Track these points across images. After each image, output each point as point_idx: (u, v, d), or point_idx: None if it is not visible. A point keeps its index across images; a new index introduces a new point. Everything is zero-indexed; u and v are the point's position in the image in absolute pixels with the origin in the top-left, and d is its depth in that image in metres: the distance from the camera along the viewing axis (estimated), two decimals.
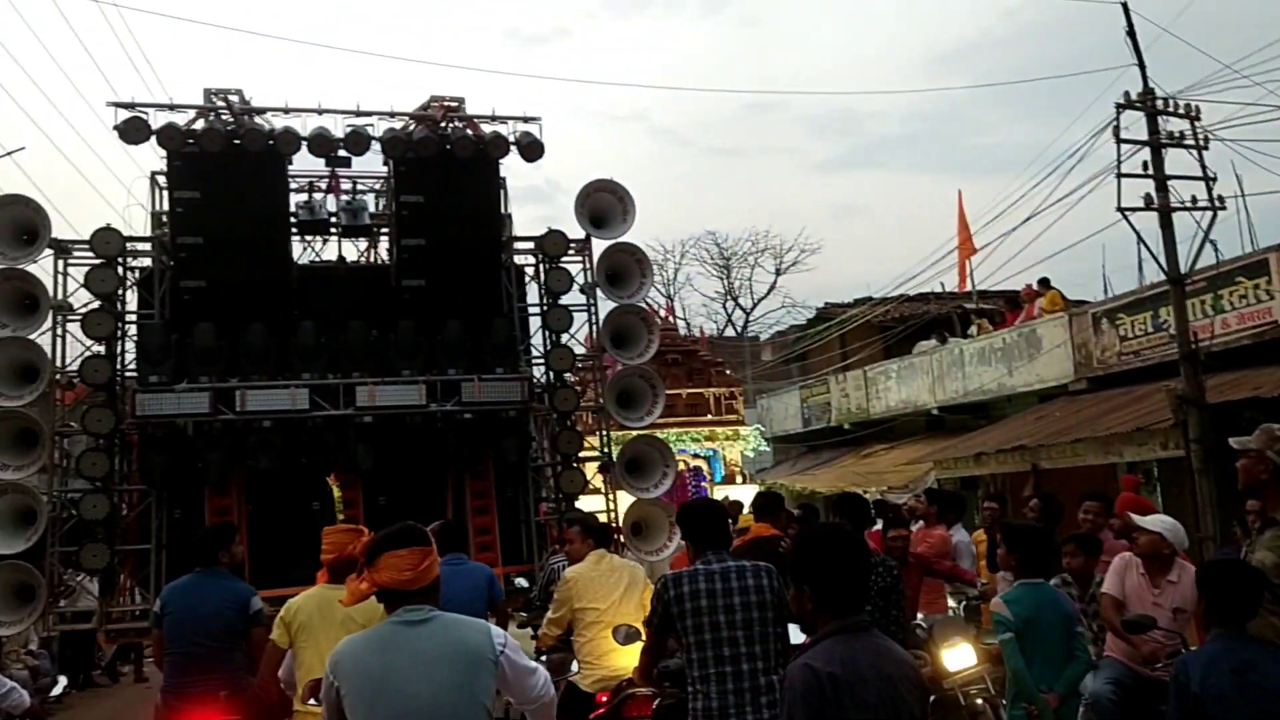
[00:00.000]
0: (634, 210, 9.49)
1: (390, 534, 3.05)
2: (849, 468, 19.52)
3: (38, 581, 7.97)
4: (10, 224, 8.36)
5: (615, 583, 5.77)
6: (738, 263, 39.06)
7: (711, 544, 4.13)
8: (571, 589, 5.80)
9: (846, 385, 20.57)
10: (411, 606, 2.95)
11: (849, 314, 21.68)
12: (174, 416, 8.37)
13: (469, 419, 8.97)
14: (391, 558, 2.96)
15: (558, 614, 5.88)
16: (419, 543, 3.02)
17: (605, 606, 5.68)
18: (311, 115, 9.15)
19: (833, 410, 20.88)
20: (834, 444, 21.12)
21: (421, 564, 2.97)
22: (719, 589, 3.91)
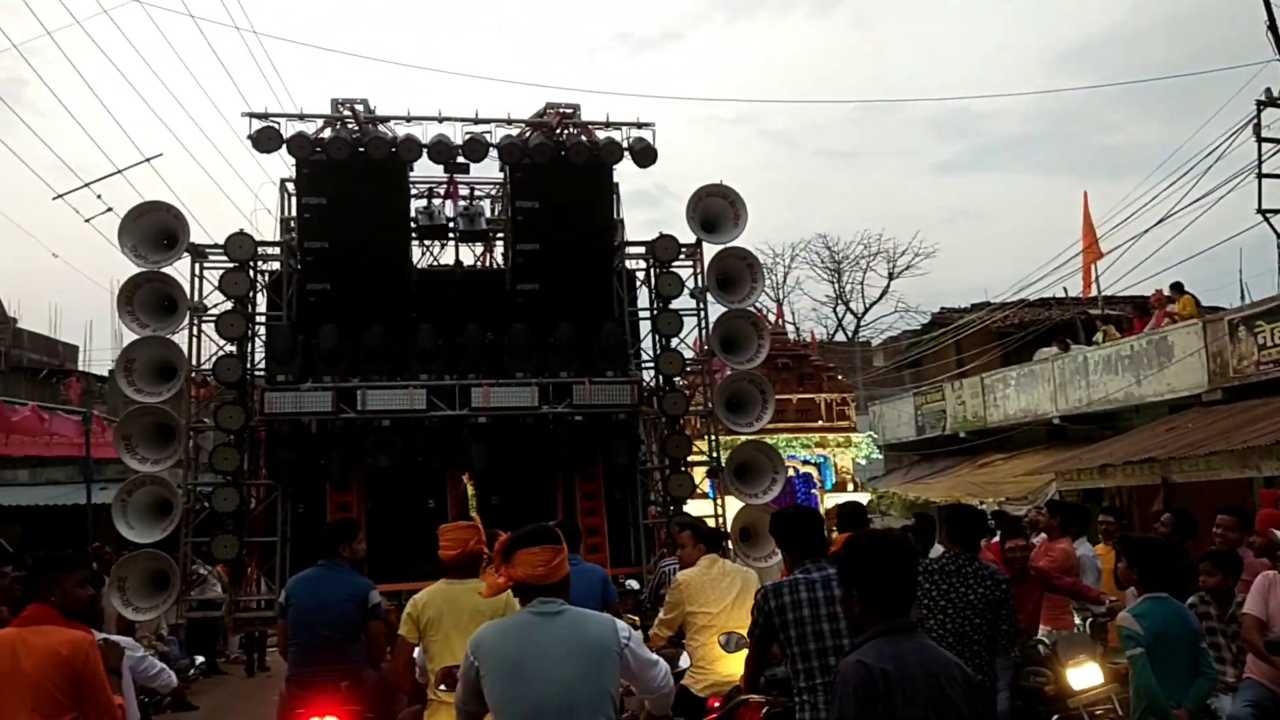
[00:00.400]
0: (745, 215, 9.48)
1: (525, 533, 3.34)
2: (964, 477, 19.08)
3: (172, 569, 8.41)
4: (151, 229, 8.83)
5: (726, 588, 5.76)
6: (849, 266, 38.39)
7: (809, 552, 4.10)
8: (683, 593, 5.82)
9: (963, 392, 20.10)
10: (545, 599, 3.23)
11: (966, 319, 21.16)
12: (299, 414, 8.71)
13: (579, 421, 9.08)
14: (526, 554, 3.24)
15: (669, 616, 5.92)
16: (551, 541, 3.30)
17: (716, 611, 5.68)
18: (432, 123, 9.42)
19: (948, 418, 20.43)
20: (949, 453, 20.65)
21: (553, 560, 3.25)
22: (820, 598, 3.89)
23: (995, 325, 20.32)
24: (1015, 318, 20.31)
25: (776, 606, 3.95)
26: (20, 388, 22.18)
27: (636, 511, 9.56)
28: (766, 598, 3.99)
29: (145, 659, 4.49)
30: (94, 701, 3.79)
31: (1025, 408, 18.42)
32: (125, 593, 8.34)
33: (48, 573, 4.05)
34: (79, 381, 23.75)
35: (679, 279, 9.66)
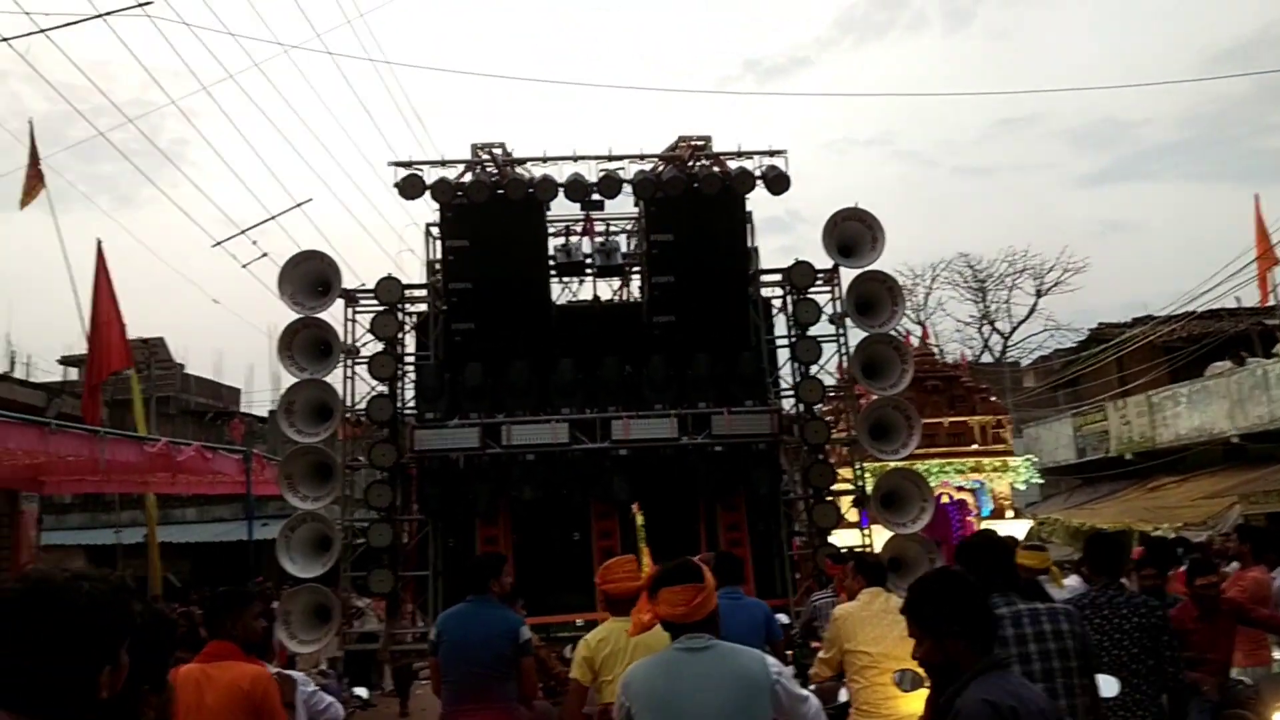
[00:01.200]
0: (883, 238, 9.37)
1: (668, 570, 3.36)
2: (1134, 502, 18.16)
3: (333, 603, 8.83)
4: (308, 277, 9.36)
5: (890, 624, 5.26)
6: (994, 285, 37.09)
7: (998, 585, 3.70)
8: (841, 628, 5.46)
9: (1127, 411, 19.16)
10: (692, 635, 3.25)
11: (1127, 334, 20.18)
12: (447, 450, 9.04)
13: (719, 451, 9.11)
14: (668, 593, 3.27)
15: (828, 654, 5.59)
16: (693, 579, 3.30)
17: (877, 651, 5.28)
18: (567, 163, 9.71)
19: (1111, 439, 19.50)
20: (1112, 476, 19.70)
21: (694, 600, 3.25)
22: (1011, 636, 3.57)
23: (1160, 340, 19.32)
24: (1183, 331, 19.27)
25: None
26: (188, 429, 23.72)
27: (781, 543, 9.50)
28: None
29: (316, 693, 4.71)
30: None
31: (1199, 426, 17.43)
32: (290, 626, 8.80)
33: (228, 608, 4.22)
34: (242, 422, 25.21)
35: (816, 305, 9.60)
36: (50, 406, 12.89)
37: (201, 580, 16.18)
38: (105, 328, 12.47)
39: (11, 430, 7.36)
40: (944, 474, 20.64)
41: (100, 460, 8.01)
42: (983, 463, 21.00)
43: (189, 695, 3.90)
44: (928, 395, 20.40)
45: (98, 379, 12.54)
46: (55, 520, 21.23)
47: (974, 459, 21.00)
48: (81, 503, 21.47)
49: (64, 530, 20.83)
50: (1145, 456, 18.72)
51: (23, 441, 7.49)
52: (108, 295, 12.80)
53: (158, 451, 8.79)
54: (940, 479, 20.42)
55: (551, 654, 7.43)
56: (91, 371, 12.59)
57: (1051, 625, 3.62)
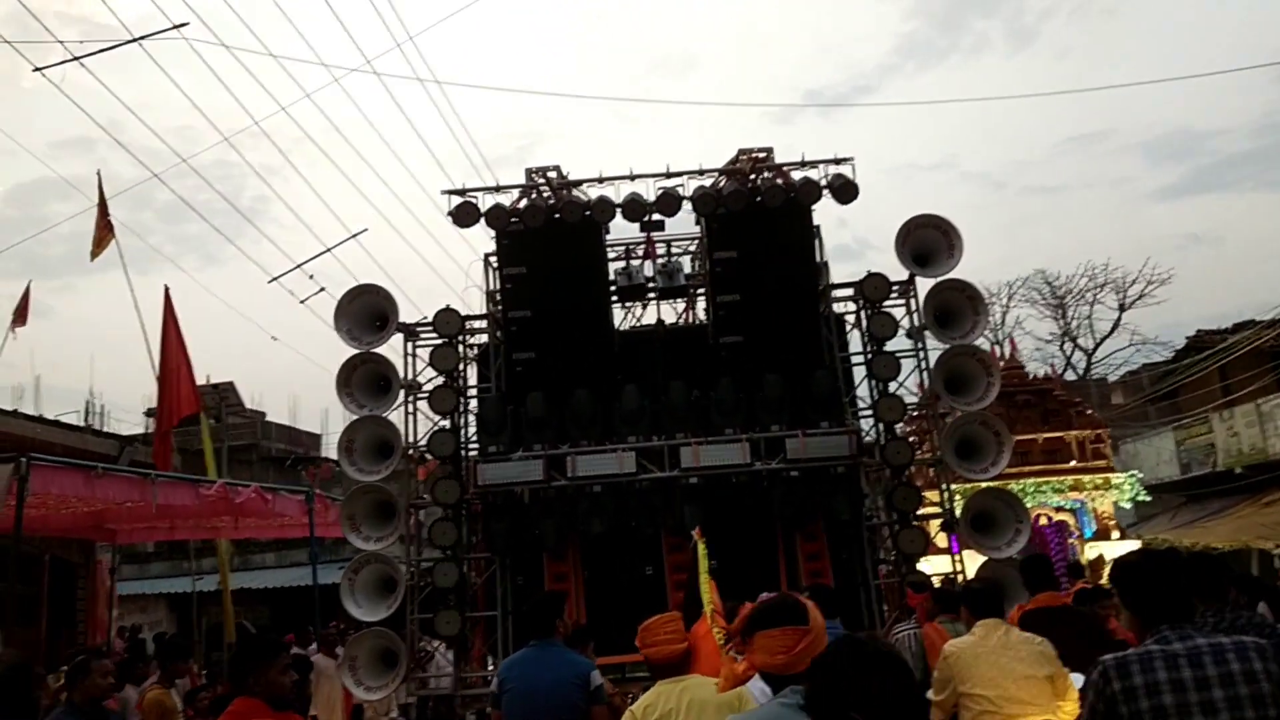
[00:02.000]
0: (961, 245, 8.94)
1: (765, 610, 2.82)
2: (1250, 518, 17.15)
3: (399, 647, 8.63)
4: (364, 311, 9.29)
5: (1009, 663, 4.70)
6: (1074, 300, 36.06)
7: (1168, 614, 3.01)
8: (952, 667, 4.84)
9: (1234, 422, 18.19)
10: (798, 687, 2.56)
11: (1230, 341, 19.21)
12: (511, 484, 8.83)
13: (795, 476, 8.74)
14: (764, 638, 2.75)
15: (941, 696, 4.91)
16: (795, 621, 2.74)
17: (996, 694, 4.65)
18: (624, 182, 9.49)
19: (1218, 452, 18.51)
20: (1221, 492, 18.67)
21: (796, 646, 2.69)
22: (1190, 679, 2.86)
23: (1267, 345, 18.33)
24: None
25: (1124, 690, 2.91)
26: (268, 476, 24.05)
27: (867, 572, 9.05)
28: (1108, 677, 2.96)
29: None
30: None
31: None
32: (356, 672, 8.63)
33: (251, 661, 3.95)
34: (324, 467, 25.49)
35: (892, 319, 9.20)
36: (123, 455, 13.07)
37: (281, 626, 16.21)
38: (174, 374, 12.63)
39: (56, 475, 7.38)
40: (1040, 494, 19.90)
41: (152, 504, 7.97)
42: (1082, 480, 20.14)
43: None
44: (1019, 411, 19.73)
45: (167, 425, 12.68)
46: (138, 570, 21.67)
47: (1072, 476, 20.14)
48: (164, 552, 21.87)
49: (146, 580, 21.22)
50: (1257, 469, 17.72)
51: (68, 486, 7.50)
52: (176, 342, 12.97)
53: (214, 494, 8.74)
54: (1036, 500, 19.65)
55: (627, 698, 7.11)
56: (161, 418, 12.74)
57: (1243, 664, 2.86)
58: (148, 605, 20.21)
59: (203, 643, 16.44)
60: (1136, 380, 25.90)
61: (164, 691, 8.68)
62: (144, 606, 20.10)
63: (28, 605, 12.67)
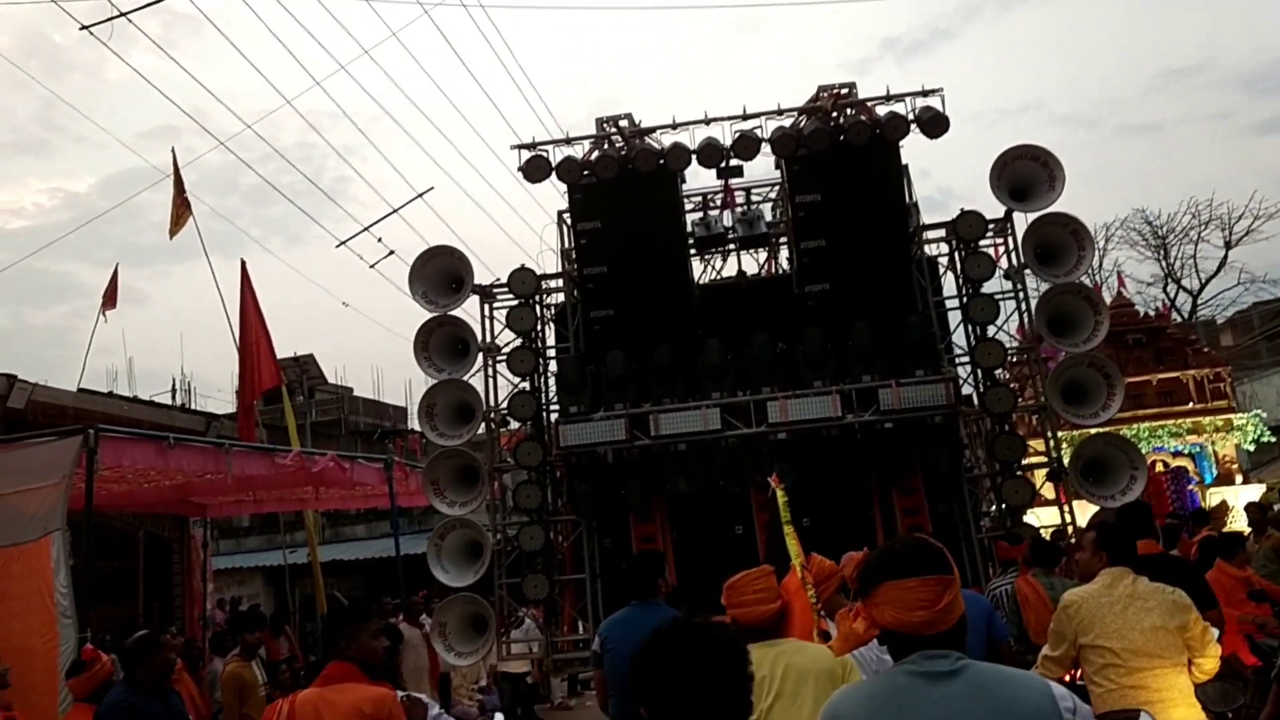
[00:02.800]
0: (1063, 176, 8.51)
1: (892, 553, 2.39)
2: None
3: (488, 612, 8.70)
4: (439, 274, 9.28)
5: (1137, 615, 4.46)
6: (1176, 240, 34.71)
7: None
8: (1072, 618, 4.60)
9: None
10: (931, 652, 2.27)
11: None
12: (594, 445, 8.77)
13: (890, 428, 8.52)
14: (895, 589, 2.31)
15: (1057, 650, 4.68)
16: (938, 569, 2.32)
17: (1121, 647, 4.43)
18: (699, 127, 9.29)
19: None
20: None
21: (940, 600, 2.28)
22: None
23: None
24: None
25: None
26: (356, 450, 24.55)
27: (969, 525, 8.78)
28: None
29: (441, 715, 4.51)
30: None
31: None
32: (446, 638, 8.72)
33: (343, 627, 4.02)
34: (415, 437, 25.85)
35: (989, 259, 8.86)
36: (209, 431, 13.40)
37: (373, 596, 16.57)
38: (253, 348, 12.86)
39: (127, 446, 7.57)
40: (1155, 439, 19.23)
41: (228, 474, 8.12)
42: (1202, 423, 19.37)
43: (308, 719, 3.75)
44: (1130, 352, 19.04)
45: (249, 399, 12.95)
46: (235, 544, 22.42)
47: (1191, 419, 19.37)
48: (258, 526, 22.53)
49: (243, 553, 21.93)
50: None
51: (140, 458, 7.69)
52: (255, 316, 13.20)
53: (290, 463, 8.86)
54: (1152, 445, 19.00)
55: None
56: (244, 392, 13.01)
57: None
58: (244, 578, 20.87)
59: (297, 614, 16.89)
60: (1247, 319, 24.84)
61: (243, 664, 8.87)
62: (241, 580, 20.76)
63: (124, 581, 13.14)
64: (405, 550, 16.58)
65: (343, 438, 24.80)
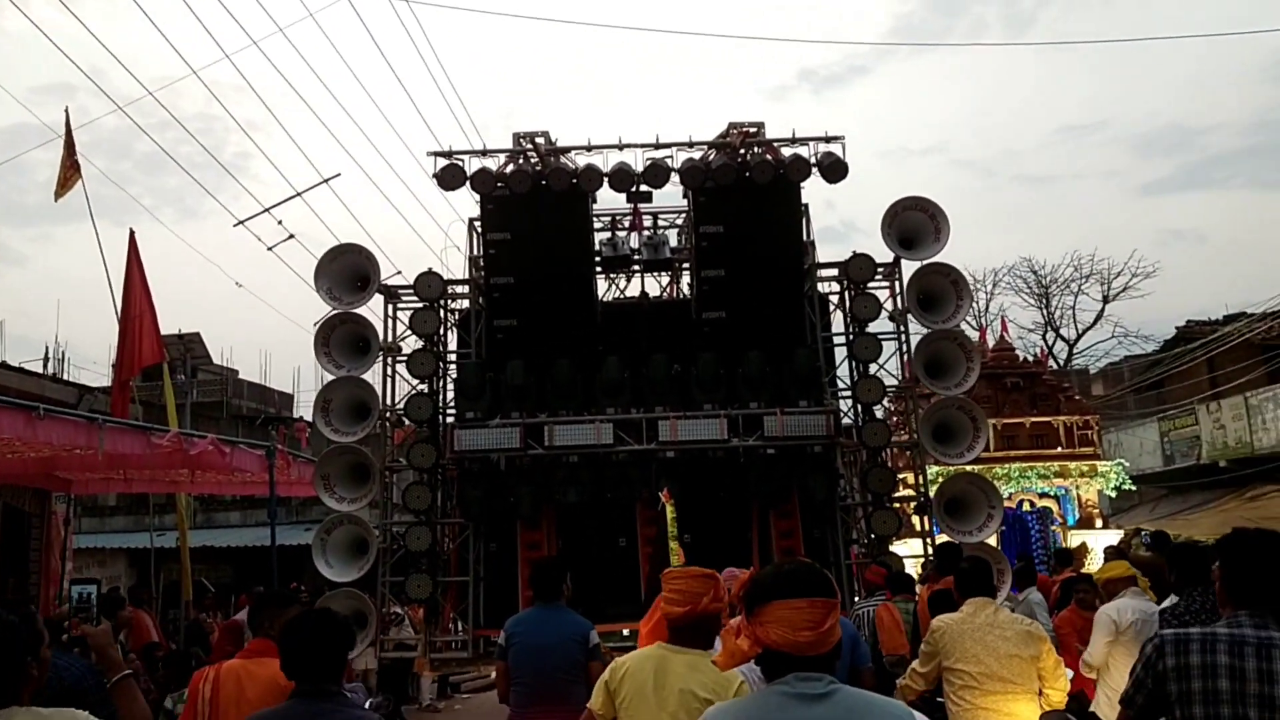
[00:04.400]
0: (947, 229, 9.35)
1: (783, 575, 2.47)
2: (1233, 512, 17.74)
3: (369, 609, 9.04)
4: (345, 270, 9.61)
5: (995, 641, 4.99)
6: (1058, 290, 37.20)
7: (1254, 600, 3.02)
8: (938, 641, 5.14)
9: (1222, 415, 18.80)
10: (806, 674, 2.35)
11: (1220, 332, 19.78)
12: (488, 451, 9.19)
13: (772, 454, 9.15)
14: (785, 609, 2.38)
15: (925, 668, 5.22)
16: (822, 591, 2.42)
17: (978, 671, 4.97)
18: (613, 151, 9.81)
19: (1203, 445, 19.12)
20: (1204, 485, 19.30)
21: (825, 622, 2.37)
22: (1252, 671, 2.88)
23: (1259, 338, 18.88)
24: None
25: (1178, 667, 2.99)
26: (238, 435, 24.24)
27: (839, 551, 9.50)
28: (1163, 651, 3.04)
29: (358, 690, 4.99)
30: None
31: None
32: None
33: (269, 608, 4.61)
34: (300, 425, 25.49)
35: (876, 301, 9.62)
36: (81, 404, 13.26)
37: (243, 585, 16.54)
38: (135, 322, 12.64)
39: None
40: (1025, 479, 20.23)
41: (99, 450, 8.08)
42: (1069, 467, 20.48)
43: (230, 688, 4.26)
44: (1007, 394, 19.96)
45: (128, 374, 12.72)
46: (99, 523, 21.93)
47: (1059, 463, 20.51)
48: (126, 506, 22.11)
49: (107, 533, 21.48)
50: (1242, 464, 18.33)
51: (7, 427, 7.55)
52: (140, 289, 12.94)
53: (167, 443, 8.86)
54: (1021, 485, 20.04)
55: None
56: (122, 366, 12.76)
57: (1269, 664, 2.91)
58: (107, 559, 20.48)
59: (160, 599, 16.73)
60: (1117, 371, 26.65)
61: None
62: (103, 560, 20.36)
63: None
64: (281, 541, 16.41)
65: (224, 421, 24.48)
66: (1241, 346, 19.39)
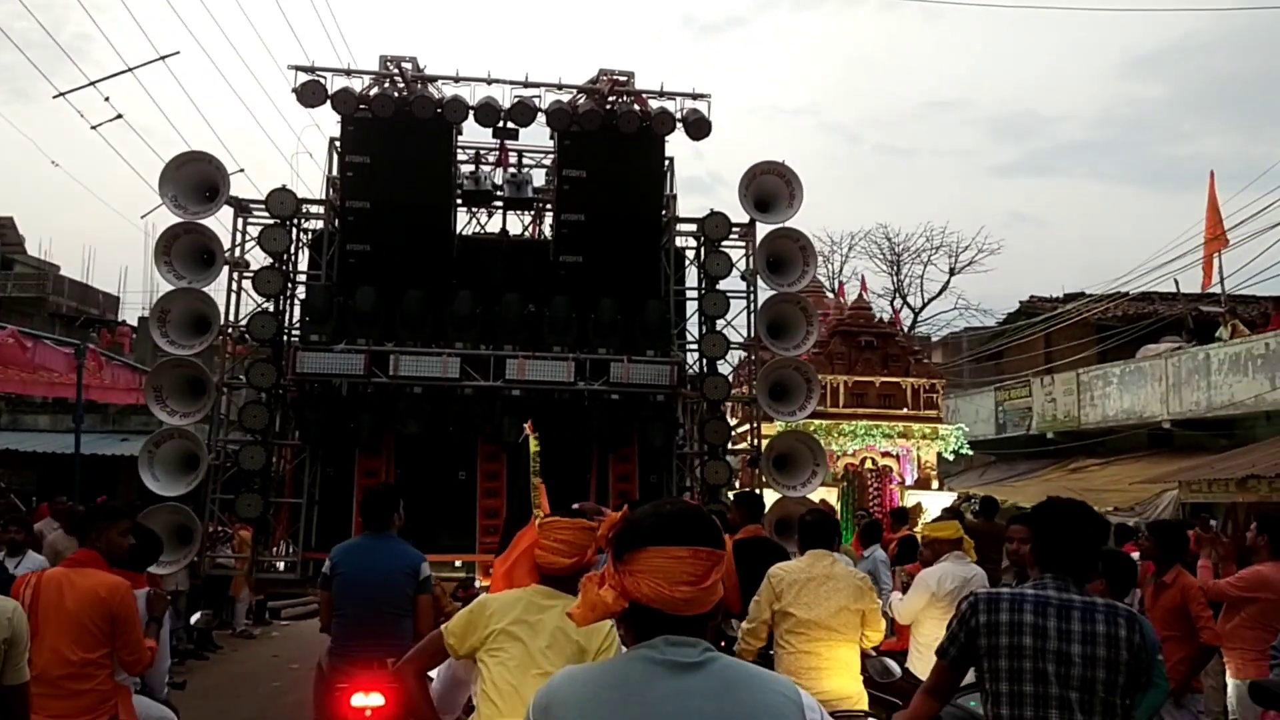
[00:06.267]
0: (801, 195, 10.02)
1: (663, 517, 2.13)
2: (1056, 482, 19.32)
3: (195, 525, 9.30)
4: (193, 179, 9.67)
5: (829, 593, 5.37)
6: (909, 259, 40.04)
7: (1060, 565, 3.39)
8: (772, 587, 5.41)
9: (1054, 389, 20.36)
10: (677, 639, 2.05)
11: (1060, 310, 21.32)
12: (330, 376, 9.49)
13: (616, 400, 9.72)
14: (661, 557, 2.05)
15: (755, 621, 5.41)
16: (707, 540, 2.10)
17: (808, 617, 5.32)
18: (481, 85, 10.10)
19: (1034, 416, 20.70)
20: (1031, 454, 20.93)
21: (708, 577, 2.07)
22: (1053, 629, 3.24)
23: (1094, 318, 20.45)
24: (1117, 310, 20.47)
25: (988, 624, 3.33)
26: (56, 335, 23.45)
27: (673, 496, 10.20)
28: (976, 609, 3.37)
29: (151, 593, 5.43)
30: (124, 640, 4.72)
31: (1128, 409, 18.63)
32: None
33: (96, 522, 4.98)
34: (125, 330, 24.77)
35: (729, 259, 10.25)
36: None
37: (47, 494, 16.17)
38: None
39: None
40: (870, 437, 21.32)
41: None
42: (912, 428, 21.66)
43: (50, 595, 4.63)
44: (860, 352, 20.73)
45: None
46: None
47: (903, 423, 21.67)
48: None
49: None
50: (1068, 436, 19.92)
51: None
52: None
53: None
54: (866, 441, 21.15)
55: (445, 593, 7.96)
56: None
57: (1108, 627, 3.25)
58: None
59: None
60: (957, 341, 28.46)
61: None
62: None
63: None
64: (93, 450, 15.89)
65: (42, 319, 23.76)
66: (1078, 325, 20.95)
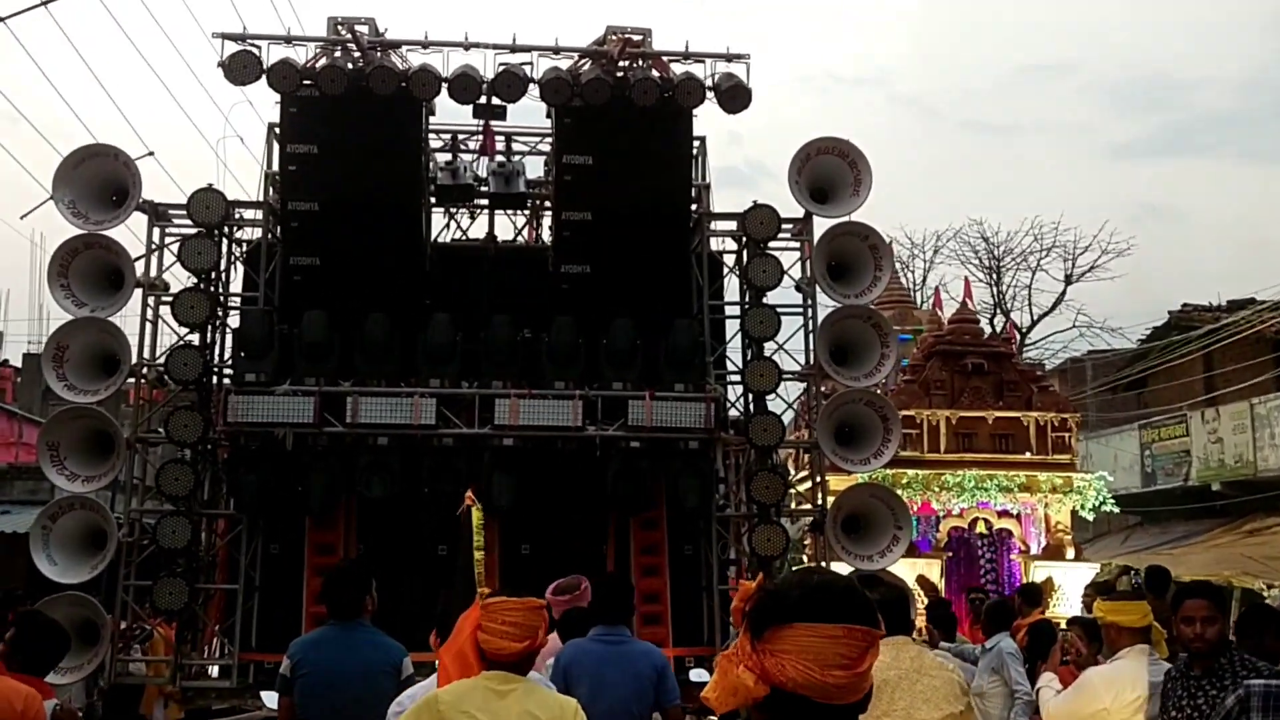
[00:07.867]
0: (869, 180, 9.66)
1: (812, 589, 2.19)
2: (1227, 548, 18.46)
3: (102, 620, 9.05)
4: (95, 179, 9.52)
5: (927, 691, 5.01)
6: (1012, 264, 37.04)
7: None
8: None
9: (1220, 425, 19.62)
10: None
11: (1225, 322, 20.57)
12: (271, 425, 9.32)
13: (636, 448, 9.44)
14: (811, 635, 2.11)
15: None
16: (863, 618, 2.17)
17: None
18: (457, 51, 9.92)
19: (1193, 462, 19.95)
20: (1192, 512, 20.13)
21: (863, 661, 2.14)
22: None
23: (1271, 332, 19.67)
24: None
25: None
26: None
27: (712, 572, 9.82)
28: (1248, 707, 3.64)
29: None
30: None
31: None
32: None
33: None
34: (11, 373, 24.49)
35: (779, 265, 9.89)
36: None
37: None
38: None
39: None
40: (983, 490, 20.10)
41: None
42: (1038, 479, 20.25)
43: None
44: (966, 379, 19.08)
45: None
46: None
47: (1026, 472, 20.38)
48: None
49: None
50: (1241, 488, 19.11)
51: None
52: None
53: None
54: (977, 497, 20.07)
55: None
56: None
57: None
58: None
59: None
60: (1079, 368, 27.16)
61: None
62: None
63: None
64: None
65: None
66: (1249, 341, 20.15)
